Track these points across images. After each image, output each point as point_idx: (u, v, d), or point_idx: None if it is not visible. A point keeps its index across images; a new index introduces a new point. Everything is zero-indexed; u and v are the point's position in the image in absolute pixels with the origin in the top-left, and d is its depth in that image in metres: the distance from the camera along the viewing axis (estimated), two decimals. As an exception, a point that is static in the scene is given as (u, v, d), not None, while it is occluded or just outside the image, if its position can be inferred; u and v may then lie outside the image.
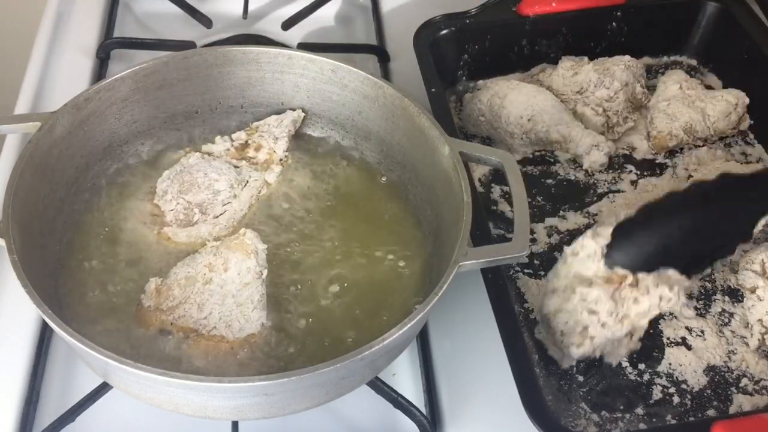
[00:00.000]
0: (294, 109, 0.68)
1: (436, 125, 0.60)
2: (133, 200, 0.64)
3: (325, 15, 0.88)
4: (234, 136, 0.67)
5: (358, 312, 0.57)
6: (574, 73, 0.76)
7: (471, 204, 0.54)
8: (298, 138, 0.68)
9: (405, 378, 0.60)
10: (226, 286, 0.55)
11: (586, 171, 0.73)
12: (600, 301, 0.57)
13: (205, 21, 0.83)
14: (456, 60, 0.79)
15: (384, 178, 0.66)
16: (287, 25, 0.84)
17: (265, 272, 0.56)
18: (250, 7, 0.86)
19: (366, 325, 0.56)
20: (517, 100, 0.73)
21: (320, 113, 0.68)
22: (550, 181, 0.73)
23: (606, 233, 0.56)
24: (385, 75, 0.81)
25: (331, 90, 0.66)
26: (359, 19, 0.89)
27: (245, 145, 0.67)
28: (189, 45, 0.81)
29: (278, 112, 0.69)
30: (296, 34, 0.85)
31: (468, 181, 0.56)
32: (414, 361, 0.60)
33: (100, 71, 0.80)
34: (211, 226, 0.61)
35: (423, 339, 0.61)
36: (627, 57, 0.77)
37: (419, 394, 0.58)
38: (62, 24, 0.85)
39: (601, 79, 0.75)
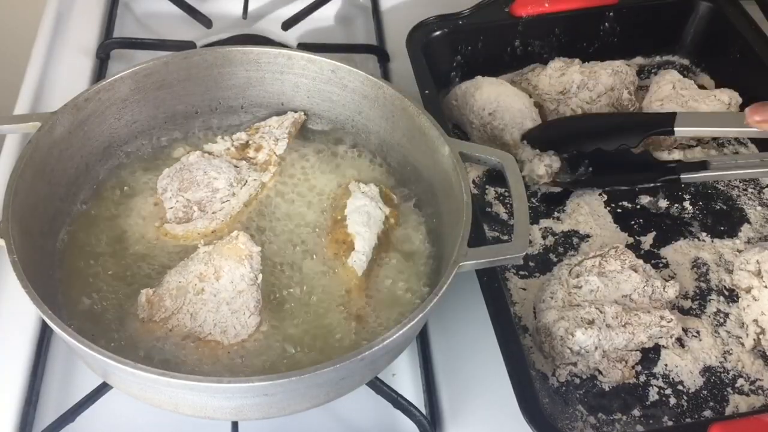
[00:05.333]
0: (295, 111, 0.68)
1: (436, 125, 0.60)
2: (133, 199, 0.64)
3: (325, 15, 0.88)
4: (235, 136, 0.67)
5: (356, 312, 0.57)
6: (561, 74, 0.77)
7: (471, 204, 0.54)
8: (297, 138, 0.69)
9: (405, 378, 0.60)
10: (219, 294, 0.54)
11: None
12: (607, 304, 0.58)
13: (205, 21, 0.84)
14: (449, 61, 0.79)
15: (384, 178, 0.66)
16: (287, 25, 0.84)
17: (260, 277, 0.56)
18: (250, 7, 0.86)
19: (364, 325, 0.56)
20: (487, 92, 0.73)
21: (320, 113, 0.69)
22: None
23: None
24: (385, 75, 0.81)
25: (331, 90, 0.66)
26: (359, 19, 0.89)
27: (246, 145, 0.67)
28: (189, 45, 0.81)
29: (278, 113, 0.69)
30: (296, 34, 0.85)
31: (468, 181, 0.56)
32: (414, 361, 0.60)
33: (100, 71, 0.80)
34: (208, 221, 0.61)
35: (423, 339, 0.61)
36: (618, 62, 0.77)
37: (419, 394, 0.58)
38: (62, 24, 0.85)
39: (585, 82, 0.75)
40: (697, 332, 0.63)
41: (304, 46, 0.81)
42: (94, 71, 0.81)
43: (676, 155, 0.76)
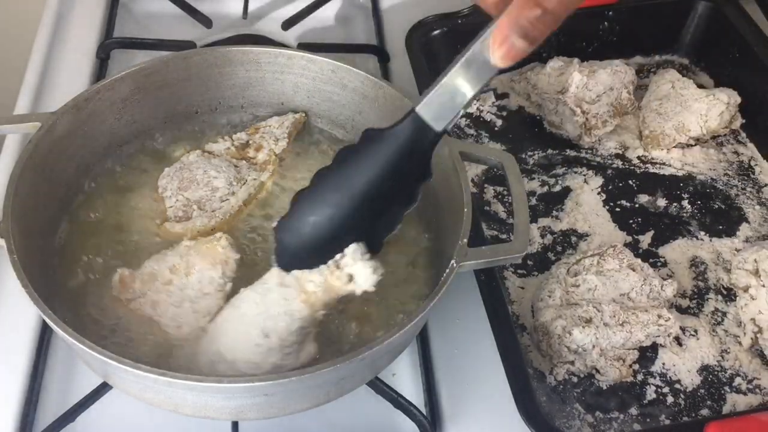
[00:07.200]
0: (296, 111, 0.68)
1: (436, 126, 0.60)
2: (133, 199, 0.64)
3: (325, 15, 0.88)
4: (235, 136, 0.67)
5: (356, 313, 0.57)
6: (560, 73, 0.77)
7: (471, 204, 0.54)
8: (298, 138, 0.69)
9: (405, 378, 0.60)
10: (185, 290, 0.55)
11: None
12: (605, 302, 0.58)
13: (205, 21, 0.84)
14: (449, 61, 0.78)
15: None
16: (287, 25, 0.84)
17: (229, 286, 0.55)
18: (250, 7, 0.86)
19: (364, 326, 0.57)
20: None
21: (320, 113, 0.69)
22: (546, 180, 0.74)
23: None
24: (385, 75, 0.81)
25: (331, 90, 0.67)
26: (359, 19, 0.89)
27: (246, 144, 0.67)
28: (189, 45, 0.81)
29: (278, 112, 0.69)
30: (296, 34, 0.85)
31: (468, 181, 0.56)
32: (414, 361, 0.61)
33: (100, 71, 0.80)
34: (207, 219, 0.61)
35: (423, 339, 0.61)
36: (617, 61, 0.77)
37: (419, 394, 0.58)
38: (62, 24, 0.85)
39: (584, 81, 0.75)
40: (695, 331, 0.63)
41: (304, 46, 0.81)
42: (94, 71, 0.81)
43: (675, 154, 0.76)
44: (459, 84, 0.44)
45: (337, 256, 0.48)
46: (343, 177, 0.47)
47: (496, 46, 0.42)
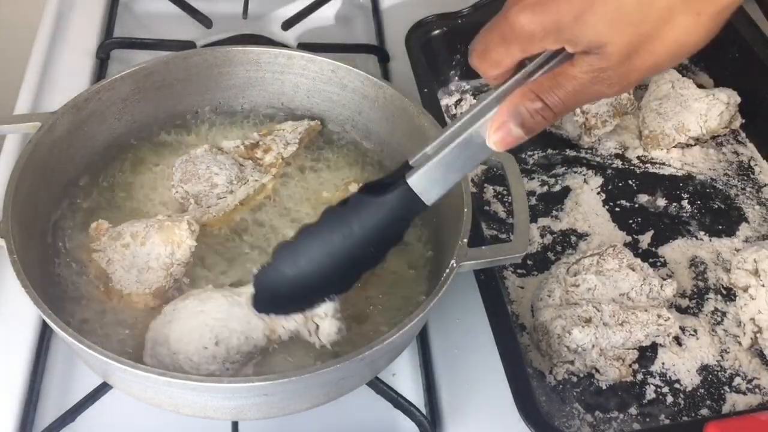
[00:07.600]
0: (313, 119, 0.68)
1: (436, 125, 0.60)
2: (134, 198, 0.64)
3: (325, 15, 0.88)
4: (248, 135, 0.67)
5: (356, 313, 0.57)
6: None
7: (471, 204, 0.55)
8: (309, 146, 0.68)
9: (405, 378, 0.60)
10: (136, 258, 0.56)
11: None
12: (604, 302, 0.58)
13: (205, 21, 0.84)
14: (448, 60, 0.79)
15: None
16: (287, 25, 0.84)
17: (177, 269, 0.56)
18: (250, 7, 0.86)
19: (364, 326, 0.57)
20: None
21: (320, 113, 0.69)
22: (546, 180, 0.74)
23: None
24: (385, 75, 0.81)
25: (331, 90, 0.67)
26: (359, 19, 0.90)
27: (255, 145, 0.67)
28: (189, 45, 0.81)
29: (278, 113, 0.69)
30: (296, 34, 0.85)
31: (468, 181, 0.56)
32: (414, 361, 0.61)
33: (100, 71, 0.80)
34: (200, 214, 0.61)
35: (423, 339, 0.61)
36: None
37: (419, 394, 0.58)
38: (62, 24, 0.85)
39: None
40: (695, 331, 0.63)
41: (304, 46, 0.81)
42: (94, 71, 0.81)
43: (674, 154, 0.76)
44: (454, 162, 0.45)
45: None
46: (327, 239, 0.48)
47: (493, 130, 0.43)
